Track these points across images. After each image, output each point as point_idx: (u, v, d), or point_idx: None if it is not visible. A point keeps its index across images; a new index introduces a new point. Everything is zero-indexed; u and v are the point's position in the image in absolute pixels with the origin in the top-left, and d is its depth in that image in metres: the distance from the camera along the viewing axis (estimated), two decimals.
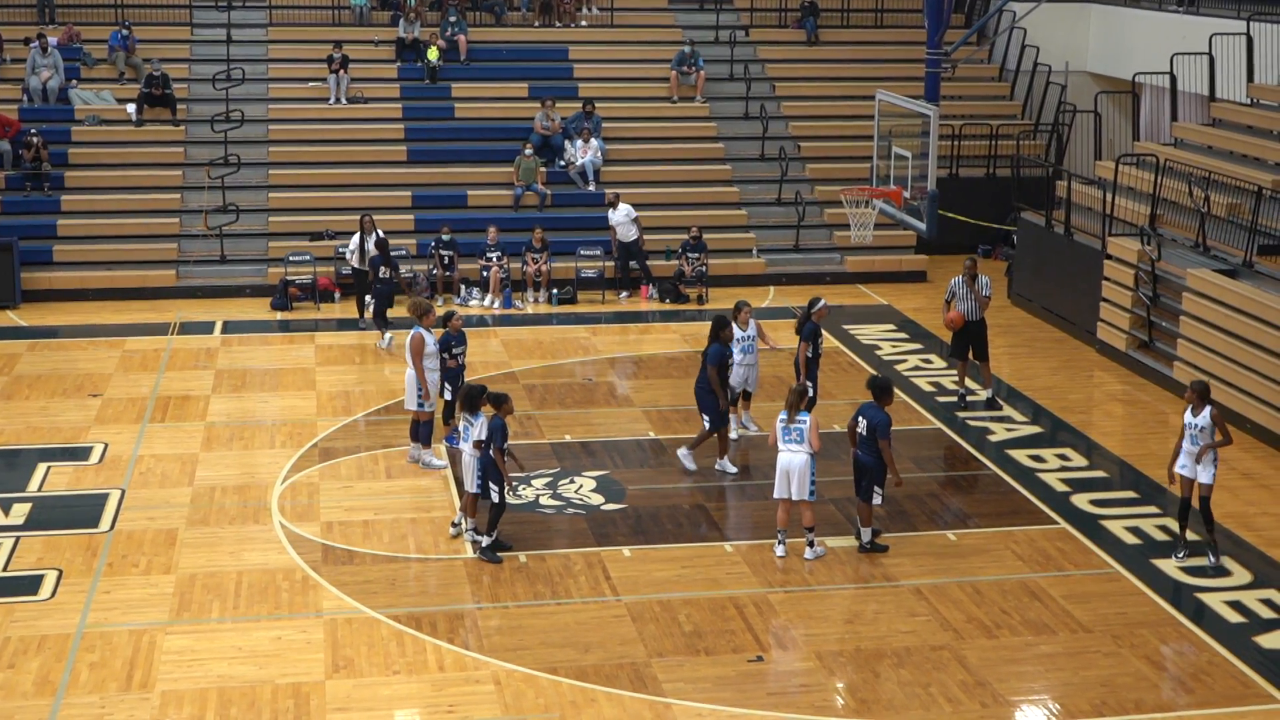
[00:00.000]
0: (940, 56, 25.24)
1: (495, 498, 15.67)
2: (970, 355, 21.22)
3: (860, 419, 16.01)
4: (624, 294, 27.29)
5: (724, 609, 14.84)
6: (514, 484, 16.35)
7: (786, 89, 32.74)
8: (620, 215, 27.50)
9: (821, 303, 19.26)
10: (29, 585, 15.13)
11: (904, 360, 23.58)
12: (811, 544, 15.87)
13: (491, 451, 15.53)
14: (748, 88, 32.25)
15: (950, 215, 26.37)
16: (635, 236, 27.37)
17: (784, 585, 15.36)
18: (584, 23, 34.13)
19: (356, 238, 25.03)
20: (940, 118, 22.12)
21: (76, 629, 14.20)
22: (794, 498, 15.74)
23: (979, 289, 20.79)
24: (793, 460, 15.67)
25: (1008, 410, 21.14)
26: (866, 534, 16.20)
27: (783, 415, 15.77)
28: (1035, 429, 20.50)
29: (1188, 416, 15.76)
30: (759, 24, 34.60)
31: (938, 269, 28.32)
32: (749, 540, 16.45)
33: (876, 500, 16.05)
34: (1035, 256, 26.74)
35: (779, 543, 16.00)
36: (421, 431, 18.56)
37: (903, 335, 25.09)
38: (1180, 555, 16.08)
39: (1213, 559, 15.89)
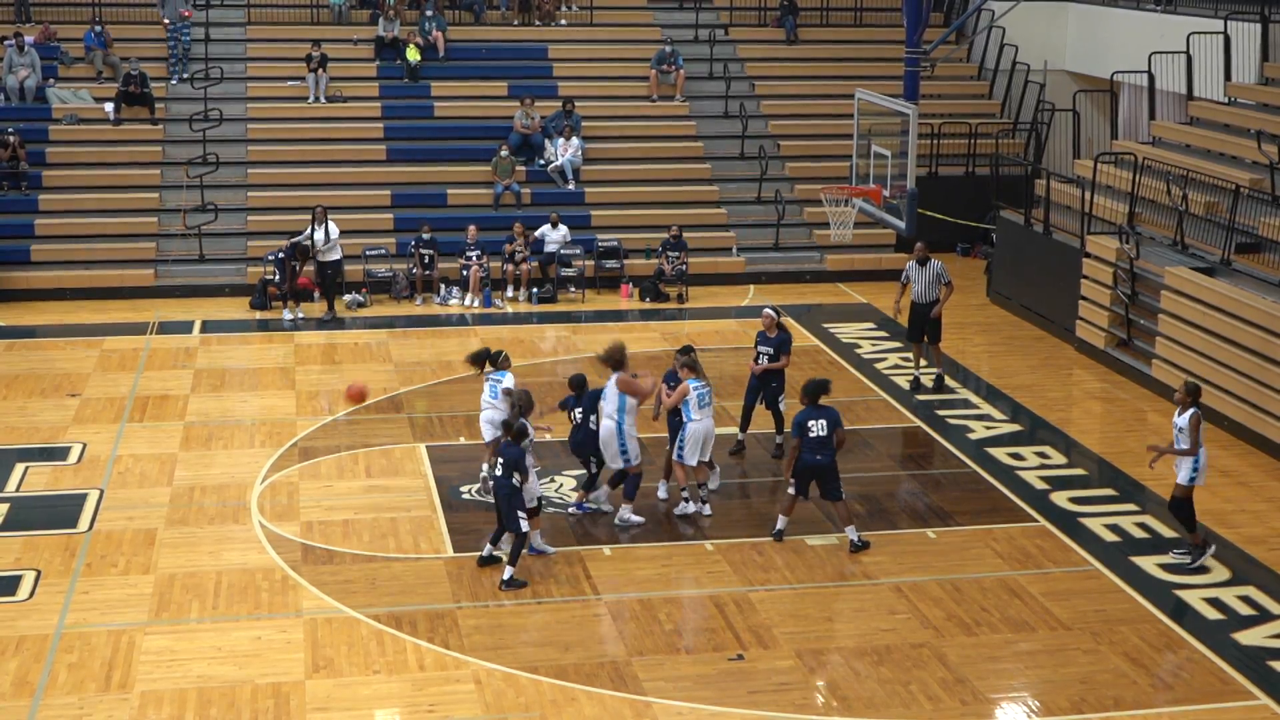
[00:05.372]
0: (919, 55, 25.26)
1: (525, 526, 15.24)
2: (925, 338, 21.56)
3: (813, 422, 15.99)
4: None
5: (704, 607, 14.84)
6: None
7: (766, 88, 32.77)
8: (558, 234, 27.63)
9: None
10: (7, 586, 15.06)
11: (883, 359, 23.61)
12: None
13: (515, 480, 15.15)
14: (727, 87, 32.26)
15: (930, 214, 26.40)
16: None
17: (764, 584, 15.36)
18: (563, 21, 34.11)
19: (332, 228, 25.42)
20: (919, 116, 22.12)
21: (55, 629, 14.14)
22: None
23: (931, 272, 21.13)
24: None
25: (987, 408, 21.20)
26: (851, 531, 16.23)
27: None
28: (1015, 427, 20.55)
29: (1175, 415, 15.78)
30: (738, 23, 34.62)
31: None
32: (729, 539, 16.45)
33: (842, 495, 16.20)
34: (1014, 255, 26.81)
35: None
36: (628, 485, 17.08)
37: (882, 334, 25.12)
38: (1175, 553, 16.14)
39: (1189, 559, 15.90)
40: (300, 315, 25.49)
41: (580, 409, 16.82)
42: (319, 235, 25.39)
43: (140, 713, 12.71)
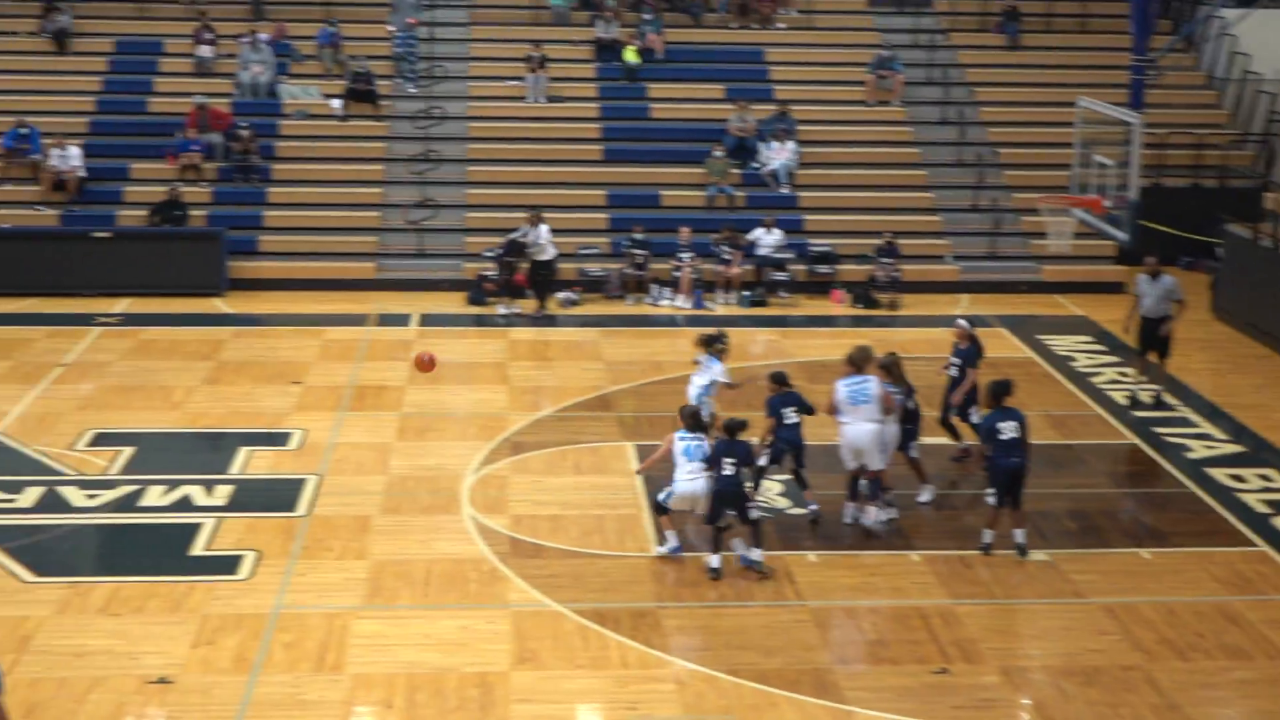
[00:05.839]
0: (1146, 63, 24.71)
1: (758, 513, 15.76)
2: (1153, 353, 21.01)
3: (1002, 424, 15.78)
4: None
5: (909, 619, 14.68)
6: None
7: (986, 94, 32.30)
8: (771, 238, 27.57)
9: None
10: (229, 565, 15.58)
11: (1100, 373, 23.09)
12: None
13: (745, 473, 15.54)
14: (946, 92, 31.88)
15: (1152, 226, 25.77)
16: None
17: (971, 597, 15.15)
18: (781, 25, 34.04)
19: (541, 229, 25.85)
20: (1144, 126, 21.63)
21: (273, 609, 14.58)
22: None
23: (1162, 287, 20.59)
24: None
25: (1208, 427, 20.58)
26: (1020, 535, 16.06)
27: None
28: (1236, 448, 19.91)
29: None
30: (959, 28, 34.18)
31: None
32: (936, 550, 16.26)
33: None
34: (1241, 270, 25.99)
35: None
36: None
37: (1100, 348, 24.57)
38: None
39: None
40: (515, 311, 25.93)
41: (793, 407, 16.83)
42: (533, 234, 25.87)
43: (351, 694, 13.04)
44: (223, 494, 17.52)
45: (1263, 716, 13.02)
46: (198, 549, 16.00)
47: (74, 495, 17.42)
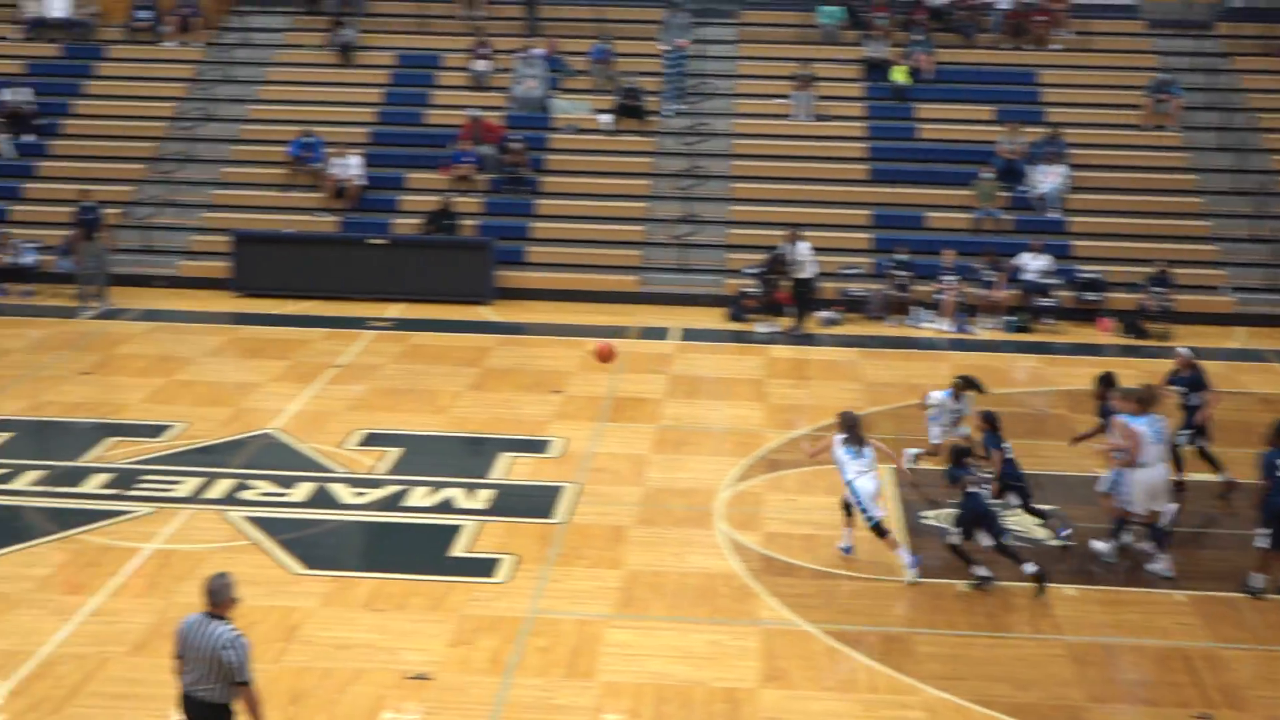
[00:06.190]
0: None
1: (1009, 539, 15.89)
2: None
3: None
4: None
5: (1170, 660, 14.21)
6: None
7: (1269, 120, 31.12)
8: (1039, 263, 27.03)
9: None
10: (489, 568, 15.92)
11: None
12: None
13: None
14: (1226, 118, 30.82)
15: None
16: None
17: (1238, 642, 14.59)
18: (1056, 45, 33.36)
19: (800, 246, 25.86)
20: None
21: (528, 614, 14.84)
22: None
23: None
24: None
25: None
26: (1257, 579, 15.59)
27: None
28: None
29: None
30: (1242, 51, 33.02)
31: None
32: (1202, 590, 15.71)
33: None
34: None
35: None
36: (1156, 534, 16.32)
37: None
38: None
39: None
40: (775, 329, 25.96)
41: (1007, 444, 16.82)
42: (791, 252, 25.90)
43: (600, 702, 13.18)
44: (484, 498, 17.93)
45: None
46: (458, 550, 16.40)
47: (343, 492, 18.06)
